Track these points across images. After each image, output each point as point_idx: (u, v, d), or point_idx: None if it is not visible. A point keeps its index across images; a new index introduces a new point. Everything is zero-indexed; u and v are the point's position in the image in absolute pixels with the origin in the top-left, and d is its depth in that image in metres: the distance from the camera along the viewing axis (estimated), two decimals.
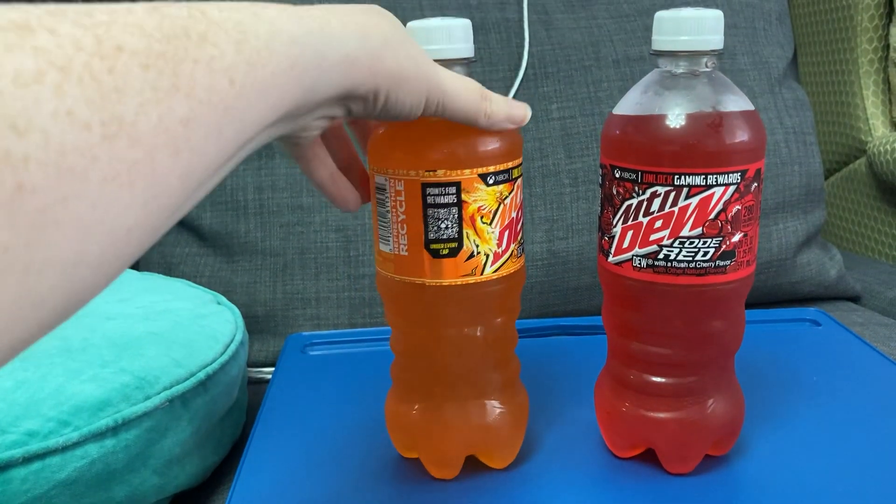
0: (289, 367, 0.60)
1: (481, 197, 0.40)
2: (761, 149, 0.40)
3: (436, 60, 0.36)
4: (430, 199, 0.39)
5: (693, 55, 0.40)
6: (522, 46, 0.77)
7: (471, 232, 0.40)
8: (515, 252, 0.42)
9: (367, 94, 0.32)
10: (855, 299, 0.87)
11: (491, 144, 0.39)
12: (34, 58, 0.19)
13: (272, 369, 0.66)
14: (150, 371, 0.48)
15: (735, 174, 0.39)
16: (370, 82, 0.31)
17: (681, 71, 0.40)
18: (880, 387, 0.54)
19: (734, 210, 0.40)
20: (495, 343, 0.43)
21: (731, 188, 0.39)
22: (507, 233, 0.41)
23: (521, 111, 0.39)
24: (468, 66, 0.41)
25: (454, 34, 0.39)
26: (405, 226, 0.40)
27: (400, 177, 0.39)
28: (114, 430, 0.44)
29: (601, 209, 0.43)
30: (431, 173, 0.39)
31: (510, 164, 0.40)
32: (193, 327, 0.55)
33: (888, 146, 0.97)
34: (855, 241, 1.08)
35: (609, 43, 0.79)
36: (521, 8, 0.79)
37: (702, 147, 0.39)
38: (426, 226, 0.40)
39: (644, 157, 0.40)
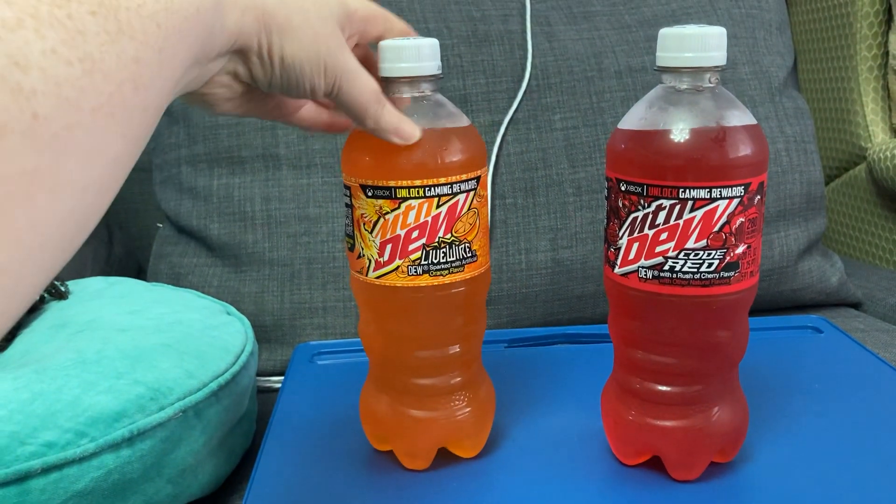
0: (298, 377, 0.61)
1: (363, 205, 0.44)
2: (764, 162, 0.41)
3: (405, 77, 0.43)
4: (344, 198, 0.46)
5: (697, 71, 0.41)
6: (525, 58, 0.78)
7: (358, 234, 0.45)
8: (405, 269, 0.44)
9: (259, 45, 0.35)
10: (856, 306, 0.88)
11: (367, 157, 0.43)
12: (9, 8, 0.21)
13: (281, 378, 0.67)
14: (163, 382, 0.49)
15: (738, 187, 0.40)
16: (259, 31, 0.35)
17: (685, 87, 0.41)
18: (882, 393, 0.55)
19: (738, 222, 0.40)
20: (451, 341, 0.47)
21: (735, 201, 0.40)
22: (389, 246, 0.44)
23: (410, 129, 0.42)
24: (436, 83, 0.45)
25: (423, 52, 0.43)
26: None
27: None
28: (129, 440, 0.45)
29: (607, 221, 0.44)
30: (343, 175, 0.45)
31: (391, 183, 0.43)
32: (205, 338, 0.56)
33: (888, 152, 0.98)
34: (856, 248, 1.08)
35: (611, 54, 0.80)
36: (524, 20, 0.80)
37: (705, 161, 0.40)
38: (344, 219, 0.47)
39: (649, 171, 0.41)
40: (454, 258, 0.45)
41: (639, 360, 0.45)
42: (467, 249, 0.45)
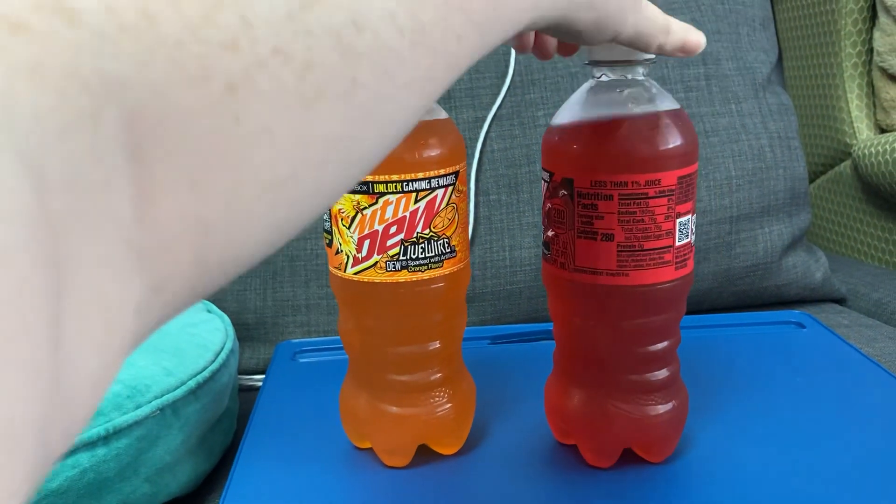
0: (279, 375, 0.61)
1: (340, 201, 0.43)
2: (691, 154, 0.42)
3: None
4: None
5: (628, 64, 0.42)
6: (509, 53, 0.78)
7: (336, 230, 0.44)
8: (383, 265, 0.44)
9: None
10: (841, 301, 0.88)
11: None
12: None
13: (263, 377, 0.66)
14: (140, 380, 0.48)
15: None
16: None
17: (611, 78, 0.43)
18: (863, 388, 0.55)
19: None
20: (431, 337, 0.46)
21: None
22: (367, 242, 0.43)
23: (696, 37, 0.37)
24: None
25: None
26: None
27: None
28: (105, 438, 0.45)
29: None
30: None
31: (369, 178, 0.42)
32: (183, 336, 0.55)
33: (872, 149, 0.99)
34: (840, 244, 1.09)
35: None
36: None
37: (623, 153, 0.41)
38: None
39: (558, 162, 0.43)
40: (433, 254, 0.44)
41: (565, 343, 0.47)
42: (446, 245, 0.45)
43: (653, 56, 0.41)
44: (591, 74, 0.44)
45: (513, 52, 0.78)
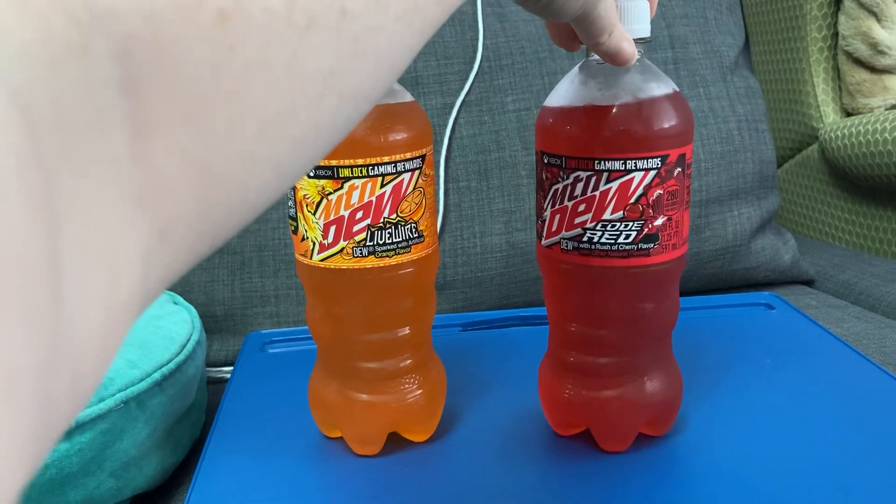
0: (248, 366, 0.60)
1: (305, 186, 0.42)
2: (684, 134, 0.41)
3: None
4: None
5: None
6: (477, 39, 0.77)
7: (301, 216, 0.43)
8: (350, 251, 0.43)
9: None
10: (809, 283, 0.89)
11: None
12: None
13: (232, 368, 0.66)
14: None
15: (655, 159, 0.40)
16: None
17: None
18: (830, 368, 0.55)
19: (655, 194, 0.41)
20: (400, 323, 0.46)
21: (652, 173, 0.40)
22: (333, 228, 0.43)
23: (630, 50, 0.38)
24: None
25: None
26: None
27: None
28: (67, 433, 0.44)
29: (536, 195, 0.45)
30: None
31: (333, 162, 0.41)
32: (149, 328, 0.54)
33: (838, 132, 0.99)
34: (809, 226, 1.10)
35: None
36: (475, 0, 0.79)
37: (617, 133, 0.40)
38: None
39: (566, 144, 0.42)
40: (400, 239, 0.44)
41: (567, 330, 0.45)
42: (413, 230, 0.44)
43: (648, 35, 0.41)
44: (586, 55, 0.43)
45: (481, 37, 0.77)
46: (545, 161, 0.43)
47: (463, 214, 0.75)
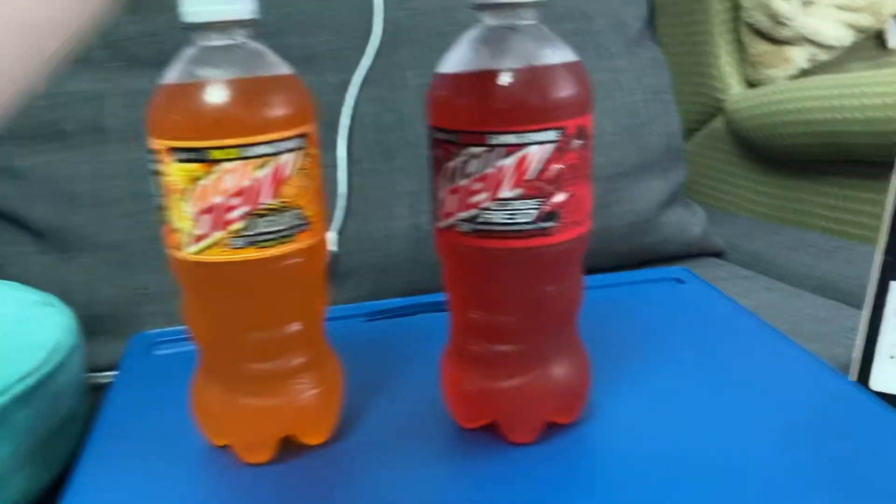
0: (131, 370, 0.55)
1: (173, 171, 0.38)
2: (582, 104, 0.39)
3: (217, 23, 0.37)
4: (150, 165, 0.40)
5: (514, 7, 0.38)
6: (372, 11, 0.73)
7: (170, 205, 0.40)
8: (226, 242, 0.39)
9: None
10: (719, 255, 0.89)
11: (174, 115, 0.38)
12: None
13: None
14: None
15: (552, 132, 0.37)
16: None
17: (497, 24, 0.39)
18: (739, 339, 0.54)
19: (554, 169, 0.38)
20: (288, 319, 0.42)
21: (549, 146, 0.37)
22: (206, 217, 0.39)
23: None
24: (252, 29, 0.39)
25: None
26: None
27: None
28: None
29: (431, 175, 0.41)
30: (148, 138, 0.39)
31: (203, 144, 0.37)
32: (12, 336, 0.49)
33: (742, 104, 1.00)
34: (717, 198, 1.10)
35: (464, 9, 0.76)
36: None
37: (510, 104, 0.37)
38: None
39: (455, 117, 0.39)
40: (283, 226, 0.40)
41: (468, 318, 0.43)
42: (298, 216, 0.40)
43: None
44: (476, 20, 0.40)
45: (377, 9, 0.74)
46: (437, 137, 0.40)
47: (367, 198, 0.72)
